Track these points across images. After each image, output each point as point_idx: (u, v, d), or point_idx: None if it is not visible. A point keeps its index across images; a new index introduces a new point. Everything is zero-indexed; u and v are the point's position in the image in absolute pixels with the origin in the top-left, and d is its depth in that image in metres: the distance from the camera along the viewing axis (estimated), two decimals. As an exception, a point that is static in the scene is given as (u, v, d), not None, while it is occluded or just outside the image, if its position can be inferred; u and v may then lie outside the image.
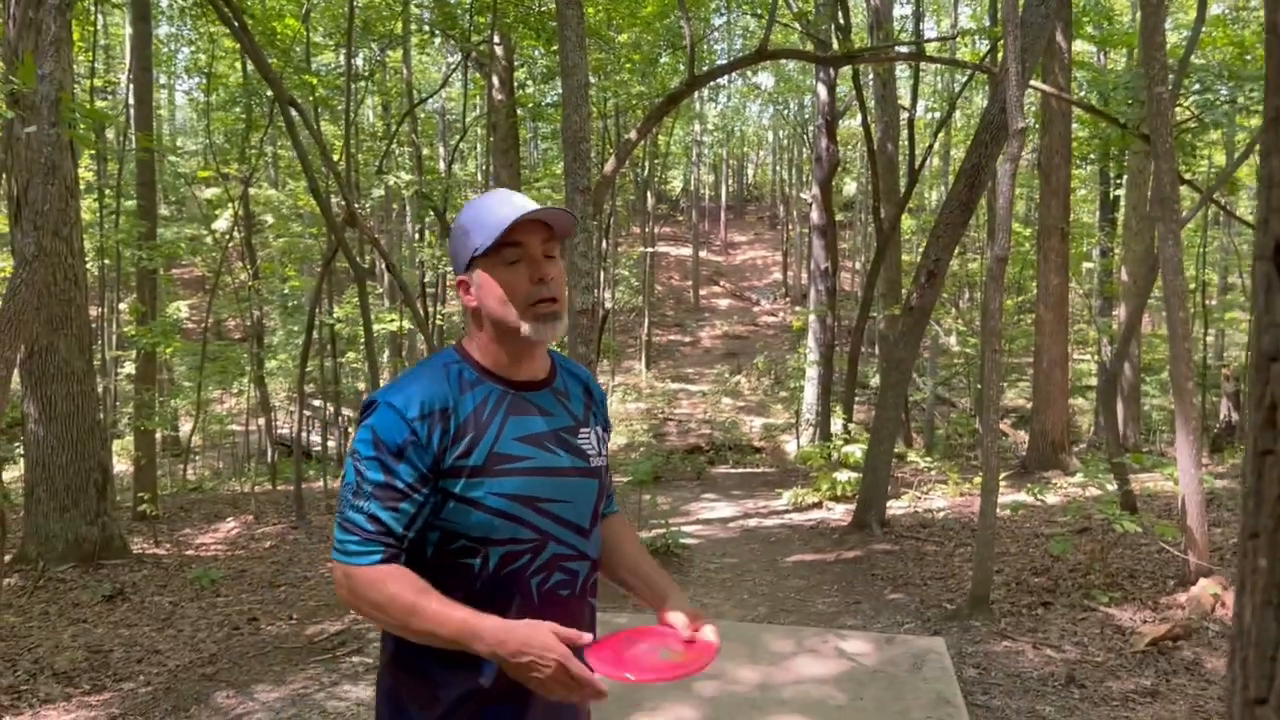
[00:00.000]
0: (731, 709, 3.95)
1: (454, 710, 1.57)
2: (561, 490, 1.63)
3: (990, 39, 13.51)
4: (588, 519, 1.68)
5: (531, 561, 1.59)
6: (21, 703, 4.74)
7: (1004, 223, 5.78)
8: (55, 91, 3.89)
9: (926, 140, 16.89)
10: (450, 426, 1.55)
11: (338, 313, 16.00)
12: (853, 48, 12.29)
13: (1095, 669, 4.79)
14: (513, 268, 1.59)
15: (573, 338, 6.38)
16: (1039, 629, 5.48)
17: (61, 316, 7.43)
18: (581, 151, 6.39)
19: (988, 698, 4.46)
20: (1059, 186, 11.49)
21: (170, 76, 23.12)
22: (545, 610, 1.59)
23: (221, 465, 19.22)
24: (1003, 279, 5.85)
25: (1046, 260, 11.57)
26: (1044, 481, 9.85)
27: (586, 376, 1.84)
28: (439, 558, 1.58)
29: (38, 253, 3.77)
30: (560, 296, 1.61)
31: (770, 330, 30.74)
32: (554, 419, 1.67)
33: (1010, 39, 5.81)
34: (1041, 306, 11.71)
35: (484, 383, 1.63)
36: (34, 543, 7.45)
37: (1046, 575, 6.55)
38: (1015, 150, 5.71)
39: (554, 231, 1.61)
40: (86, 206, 13.67)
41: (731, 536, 9.03)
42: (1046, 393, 11.54)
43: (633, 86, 18.17)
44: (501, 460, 1.57)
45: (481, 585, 1.57)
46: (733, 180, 48.07)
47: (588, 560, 1.69)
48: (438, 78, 22.58)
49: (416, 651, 1.56)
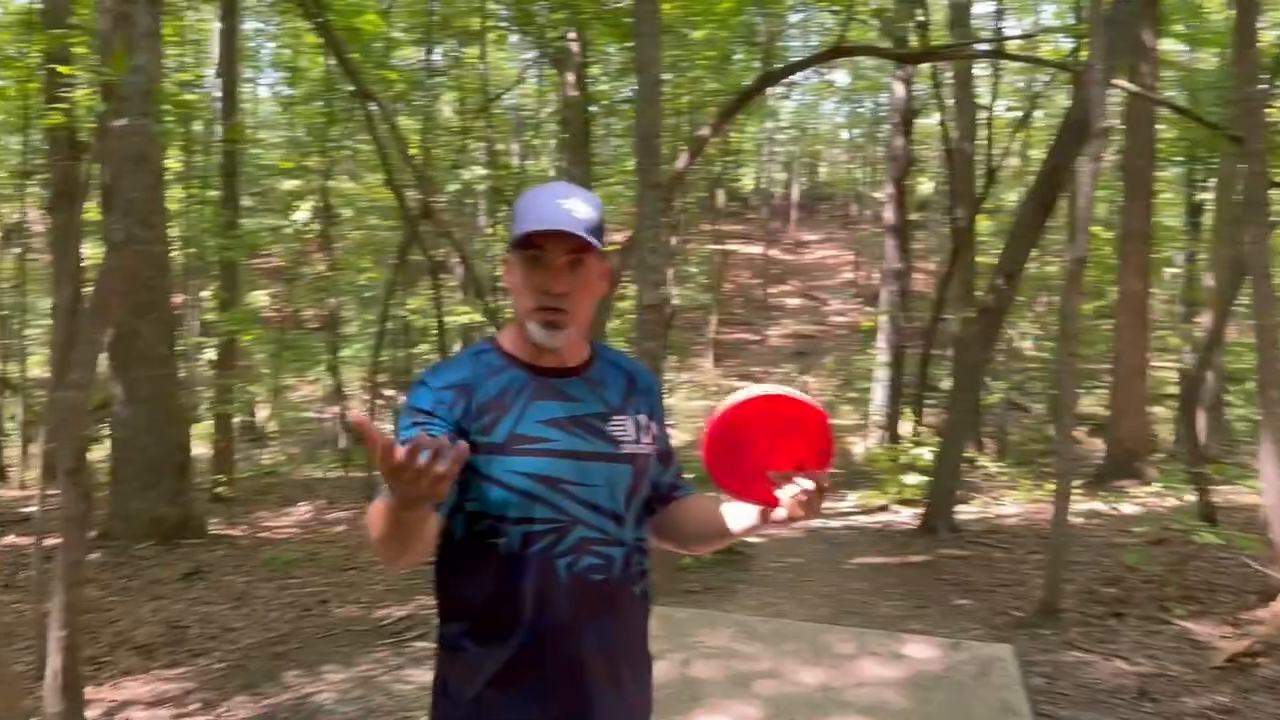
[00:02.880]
0: (792, 709, 3.93)
1: (488, 685, 1.62)
2: (586, 474, 1.65)
3: (1074, 37, 13.18)
4: (621, 504, 1.69)
5: (557, 542, 1.62)
6: (103, 673, 4.92)
7: (1084, 224, 5.66)
8: (146, 83, 4.02)
9: (1005, 140, 16.55)
10: (472, 403, 1.62)
11: (411, 304, 16.23)
12: (931, 45, 12.10)
13: (1169, 683, 4.67)
14: (532, 267, 1.62)
15: (640, 333, 6.40)
16: (1110, 640, 5.35)
17: (147, 302, 7.67)
18: (653, 147, 6.39)
19: (1055, 708, 4.37)
20: (1142, 189, 11.19)
21: (255, 71, 23.67)
22: (576, 593, 1.62)
23: (296, 451, 19.64)
24: (1081, 282, 5.72)
25: (1127, 264, 11.27)
26: (1119, 490, 9.61)
27: (635, 368, 1.84)
28: (468, 540, 1.64)
29: (125, 239, 3.90)
30: (569, 309, 1.62)
31: (840, 330, 30.41)
32: (581, 405, 1.69)
33: (1096, 37, 5.68)
34: (1121, 311, 11.42)
35: (510, 368, 1.68)
36: (117, 520, 7.71)
37: (1120, 586, 6.38)
38: (1097, 151, 5.58)
39: (584, 243, 1.60)
40: (173, 196, 14.09)
41: (795, 537, 8.97)
42: (1124, 400, 11.24)
43: (706, 83, 18.10)
44: (521, 440, 1.62)
45: (508, 564, 1.61)
46: (805, 178, 47.65)
47: (621, 546, 1.69)
48: (513, 74, 22.74)
49: (454, 630, 1.66)
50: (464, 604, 1.66)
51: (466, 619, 1.65)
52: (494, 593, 1.62)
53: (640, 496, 1.75)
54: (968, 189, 14.33)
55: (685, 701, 3.96)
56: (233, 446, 11.80)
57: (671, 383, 24.61)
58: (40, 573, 4.81)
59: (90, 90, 7.00)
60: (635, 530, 1.73)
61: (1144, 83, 10.69)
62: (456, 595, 1.67)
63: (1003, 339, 17.92)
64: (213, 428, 12.06)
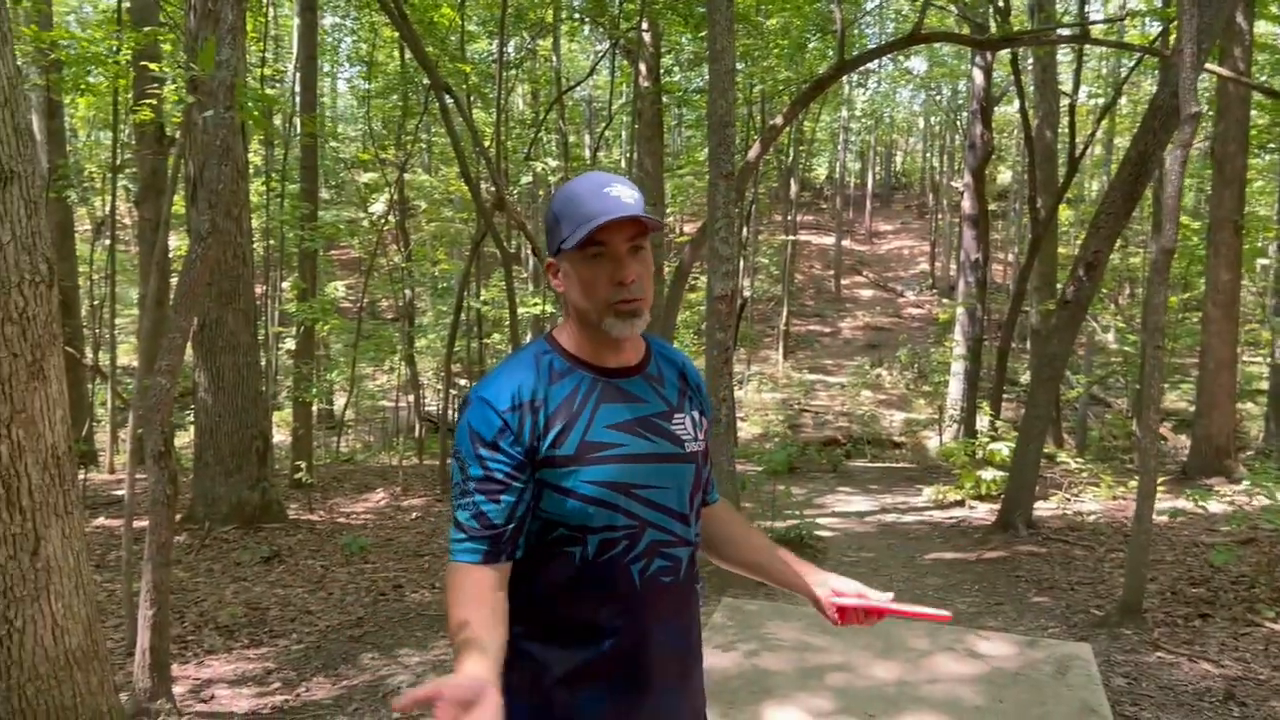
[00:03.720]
0: (865, 702, 3.89)
1: (556, 685, 1.60)
2: (656, 476, 1.62)
3: (1162, 20, 12.77)
4: (686, 504, 1.67)
5: (630, 549, 1.60)
6: (188, 652, 5.07)
7: (1171, 214, 5.48)
8: (231, 77, 4.11)
9: (1088, 127, 16.11)
10: (540, 417, 1.56)
11: (484, 295, 16.44)
12: (1012, 30, 11.82)
13: (1258, 687, 4.51)
14: (595, 264, 1.55)
15: (710, 324, 6.38)
16: (1196, 641, 5.20)
17: (230, 292, 7.87)
18: (726, 137, 6.36)
19: (1137, 709, 4.26)
20: (1233, 176, 10.80)
21: (333, 65, 24.15)
22: (649, 597, 1.61)
23: (372, 439, 20.03)
24: (1168, 271, 5.54)
25: (1217, 255, 10.89)
26: (1206, 488, 9.31)
27: (683, 361, 1.81)
28: (541, 547, 1.60)
29: (211, 230, 4.00)
30: (643, 295, 1.58)
31: (915, 322, 29.99)
32: (646, 405, 1.65)
33: (1186, 19, 5.49)
34: (1209, 304, 11.04)
35: (574, 371, 1.62)
36: (201, 504, 7.95)
37: (1206, 586, 6.19)
38: (1187, 137, 5.39)
39: (643, 225, 1.56)
40: (254, 189, 14.45)
41: (868, 531, 8.87)
42: (1212, 395, 10.88)
43: (779, 72, 17.97)
44: (593, 449, 1.57)
45: (582, 573, 1.59)
46: (880, 167, 47.01)
47: (689, 546, 1.68)
48: (586, 66, 22.84)
49: (520, 632, 1.60)
50: (533, 607, 1.63)
51: (535, 622, 1.62)
52: (566, 598, 1.61)
53: (700, 494, 1.74)
54: (1049, 178, 13.99)
55: (755, 693, 3.94)
56: (311, 434, 12.07)
57: (741, 375, 24.50)
58: (130, 554, 4.98)
59: (177, 86, 7.20)
60: (697, 528, 1.73)
61: (1236, 66, 10.32)
62: (526, 599, 1.63)
63: (1084, 332, 17.49)
64: (292, 415, 12.35)
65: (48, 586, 3.07)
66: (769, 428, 19.88)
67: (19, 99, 2.99)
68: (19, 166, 2.95)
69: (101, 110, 12.18)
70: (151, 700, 3.95)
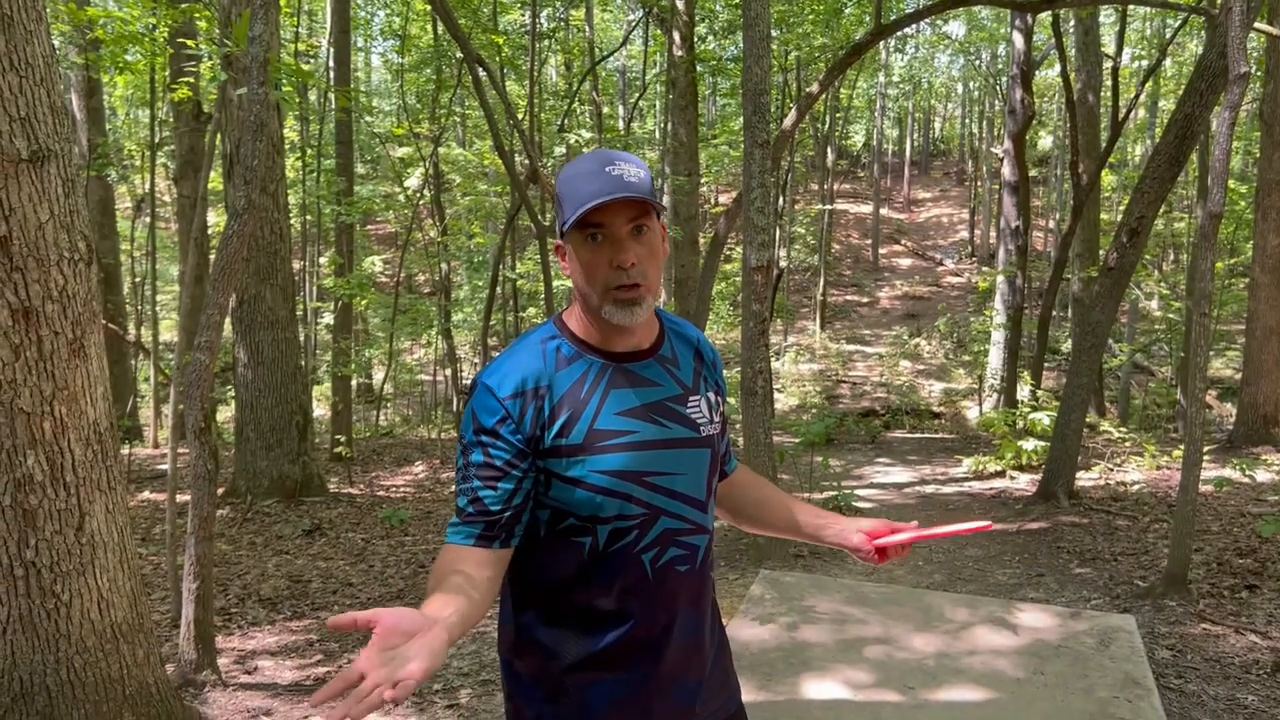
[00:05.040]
0: (904, 675, 3.87)
1: (566, 673, 1.58)
2: (671, 463, 1.57)
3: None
4: (703, 490, 1.62)
5: (640, 537, 1.55)
6: (232, 624, 5.15)
7: (1219, 177, 5.34)
8: (264, 53, 4.11)
9: (1132, 90, 15.78)
10: (545, 405, 1.52)
11: (520, 268, 16.46)
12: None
13: (1307, 660, 4.44)
14: (595, 247, 1.49)
15: (746, 295, 6.33)
16: (1243, 613, 5.11)
17: (268, 268, 7.93)
18: (761, 105, 6.28)
19: (1182, 681, 4.21)
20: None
21: (367, 39, 24.18)
22: (662, 587, 1.57)
23: (410, 412, 20.21)
24: (1215, 236, 5.41)
25: (1265, 219, 10.63)
26: (1253, 457, 9.15)
27: (696, 337, 1.74)
28: (551, 537, 1.57)
29: (247, 206, 4.02)
30: (645, 281, 1.50)
31: (954, 291, 29.67)
32: (659, 389, 1.60)
33: (1234, -25, 5.32)
34: (1258, 269, 10.79)
35: (582, 357, 1.57)
36: (243, 478, 8.05)
37: (1253, 557, 6.09)
38: (1235, 98, 5.24)
39: (645, 206, 1.49)
40: (290, 164, 14.53)
41: (907, 502, 8.82)
42: (1259, 363, 10.66)
43: (815, 39, 17.74)
44: (602, 437, 1.53)
45: (592, 563, 1.56)
46: (918, 134, 46.40)
47: (705, 533, 1.63)
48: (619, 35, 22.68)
49: (529, 620, 1.60)
50: (544, 595, 1.60)
51: (546, 610, 1.60)
52: (577, 587, 1.57)
53: (716, 477, 1.68)
54: (1091, 143, 13.72)
55: (794, 665, 3.93)
56: (350, 408, 12.18)
57: (778, 346, 24.40)
58: (174, 528, 5.06)
59: (213, 63, 7.23)
60: (713, 515, 1.68)
61: (1287, 24, 10.02)
62: (535, 586, 1.61)
63: (1127, 299, 17.19)
64: (331, 389, 12.47)
65: (93, 561, 3.12)
66: (806, 399, 19.80)
67: (55, 78, 3.00)
68: (56, 145, 2.97)
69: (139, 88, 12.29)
70: (197, 671, 4.02)
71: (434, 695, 4.10)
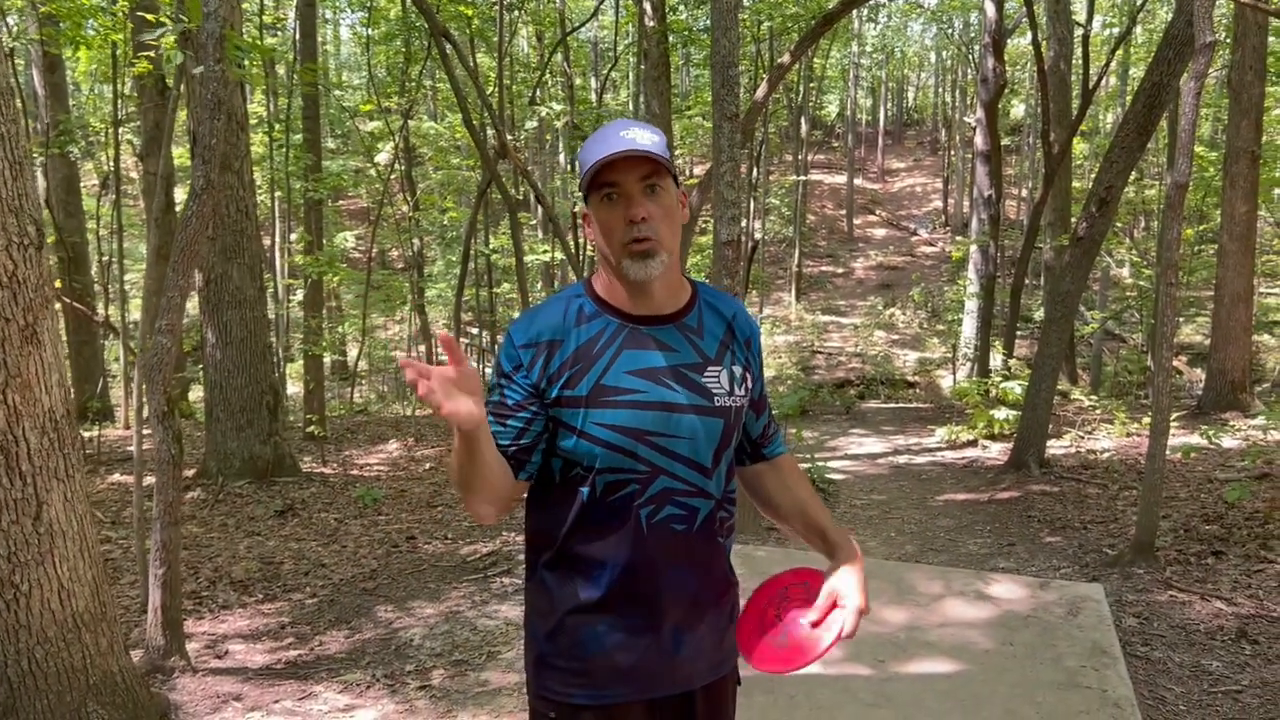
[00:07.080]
0: (876, 649, 3.89)
1: (568, 614, 1.67)
2: (675, 426, 1.64)
3: (1180, -56, 12.40)
4: (709, 457, 1.68)
5: (640, 492, 1.64)
6: (203, 608, 5.12)
7: (1186, 145, 5.34)
8: (220, 28, 4.02)
9: (1102, 58, 15.78)
10: (555, 357, 1.64)
11: (493, 243, 16.34)
12: (1024, -41, 11.51)
13: (1271, 624, 4.50)
14: (611, 206, 1.60)
15: (716, 269, 6.30)
16: (1209, 579, 5.18)
17: (234, 246, 7.82)
18: (730, 77, 6.22)
19: (1148, 649, 4.26)
20: (1250, 105, 10.56)
21: (334, 11, 23.77)
22: (656, 541, 1.65)
23: (385, 388, 20.10)
24: (1182, 206, 5.42)
25: (1233, 186, 10.70)
26: (1220, 423, 9.26)
27: (734, 313, 1.79)
28: (561, 485, 1.68)
29: (206, 185, 3.94)
30: (656, 235, 1.59)
31: (928, 261, 29.75)
32: (675, 355, 1.67)
33: (1202, -58, 5.30)
34: (1225, 236, 10.87)
35: (601, 316, 1.67)
36: (214, 459, 7.98)
37: (1219, 523, 6.16)
38: (1201, 66, 5.24)
39: (656, 165, 1.59)
40: (258, 140, 14.32)
41: (880, 473, 8.87)
42: (1227, 329, 10.76)
43: (787, 8, 17.60)
44: (607, 392, 1.62)
45: (588, 510, 1.65)
46: (891, 104, 46.32)
47: (710, 499, 1.70)
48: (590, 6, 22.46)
49: (535, 560, 1.74)
50: (546, 537, 1.70)
51: (551, 552, 1.70)
52: (576, 533, 1.66)
53: (730, 450, 1.74)
54: (1063, 111, 13.73)
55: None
56: (323, 386, 12.08)
57: (754, 317, 24.39)
58: (141, 511, 5.00)
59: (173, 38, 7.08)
60: (725, 483, 1.73)
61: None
62: (541, 528, 1.72)
63: (1098, 266, 17.29)
64: (303, 368, 12.36)
65: (52, 550, 3.08)
66: (782, 370, 19.84)
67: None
68: (2, 126, 2.89)
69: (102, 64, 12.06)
70: (165, 658, 3.98)
71: (406, 676, 4.09)
